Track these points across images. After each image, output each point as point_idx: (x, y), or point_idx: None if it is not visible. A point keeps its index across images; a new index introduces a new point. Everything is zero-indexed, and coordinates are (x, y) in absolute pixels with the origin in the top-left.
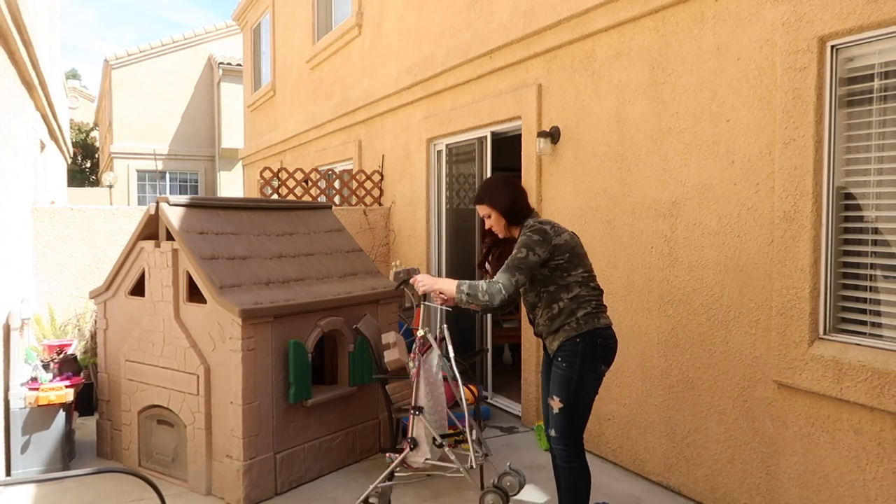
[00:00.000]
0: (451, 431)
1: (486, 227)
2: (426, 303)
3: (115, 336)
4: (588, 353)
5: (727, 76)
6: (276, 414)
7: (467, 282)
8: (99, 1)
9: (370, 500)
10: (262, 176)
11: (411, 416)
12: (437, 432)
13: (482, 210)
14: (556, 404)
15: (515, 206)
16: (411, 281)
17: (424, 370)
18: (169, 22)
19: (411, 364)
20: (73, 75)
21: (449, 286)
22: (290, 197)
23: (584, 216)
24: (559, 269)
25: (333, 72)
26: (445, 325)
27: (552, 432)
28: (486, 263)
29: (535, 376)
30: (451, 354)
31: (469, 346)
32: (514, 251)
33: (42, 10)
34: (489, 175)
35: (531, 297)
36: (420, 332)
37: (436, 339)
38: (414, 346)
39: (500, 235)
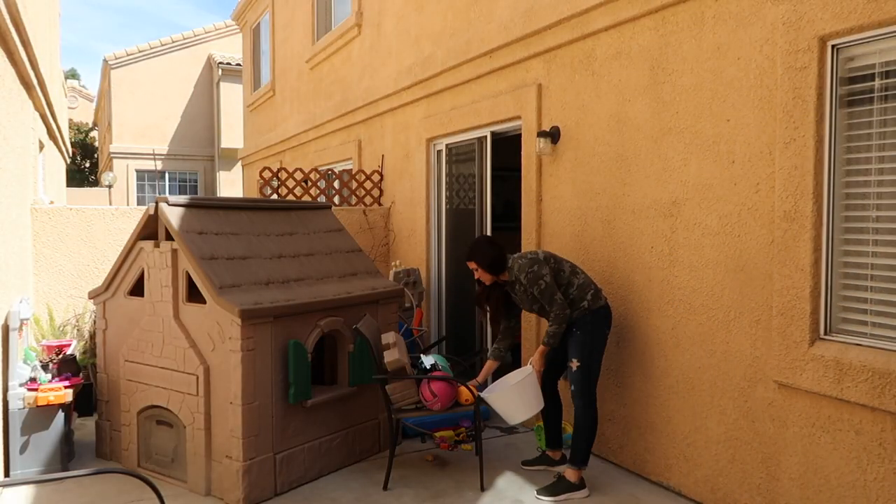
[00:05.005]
0: (452, 432)
1: (476, 276)
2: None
3: (115, 336)
4: (597, 323)
5: (727, 76)
6: (276, 414)
7: (547, 335)
8: (106, 7)
9: None
10: (261, 176)
11: None
12: None
13: (471, 265)
14: (574, 364)
15: (495, 262)
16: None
17: None
18: (177, 27)
19: None
20: (72, 75)
21: (539, 356)
22: (290, 197)
23: (584, 216)
24: (555, 273)
25: (333, 72)
26: None
27: (572, 387)
28: (485, 302)
29: None
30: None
31: (469, 346)
32: (534, 290)
33: (41, 10)
34: (488, 174)
35: (537, 307)
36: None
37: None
38: None
39: (487, 283)
